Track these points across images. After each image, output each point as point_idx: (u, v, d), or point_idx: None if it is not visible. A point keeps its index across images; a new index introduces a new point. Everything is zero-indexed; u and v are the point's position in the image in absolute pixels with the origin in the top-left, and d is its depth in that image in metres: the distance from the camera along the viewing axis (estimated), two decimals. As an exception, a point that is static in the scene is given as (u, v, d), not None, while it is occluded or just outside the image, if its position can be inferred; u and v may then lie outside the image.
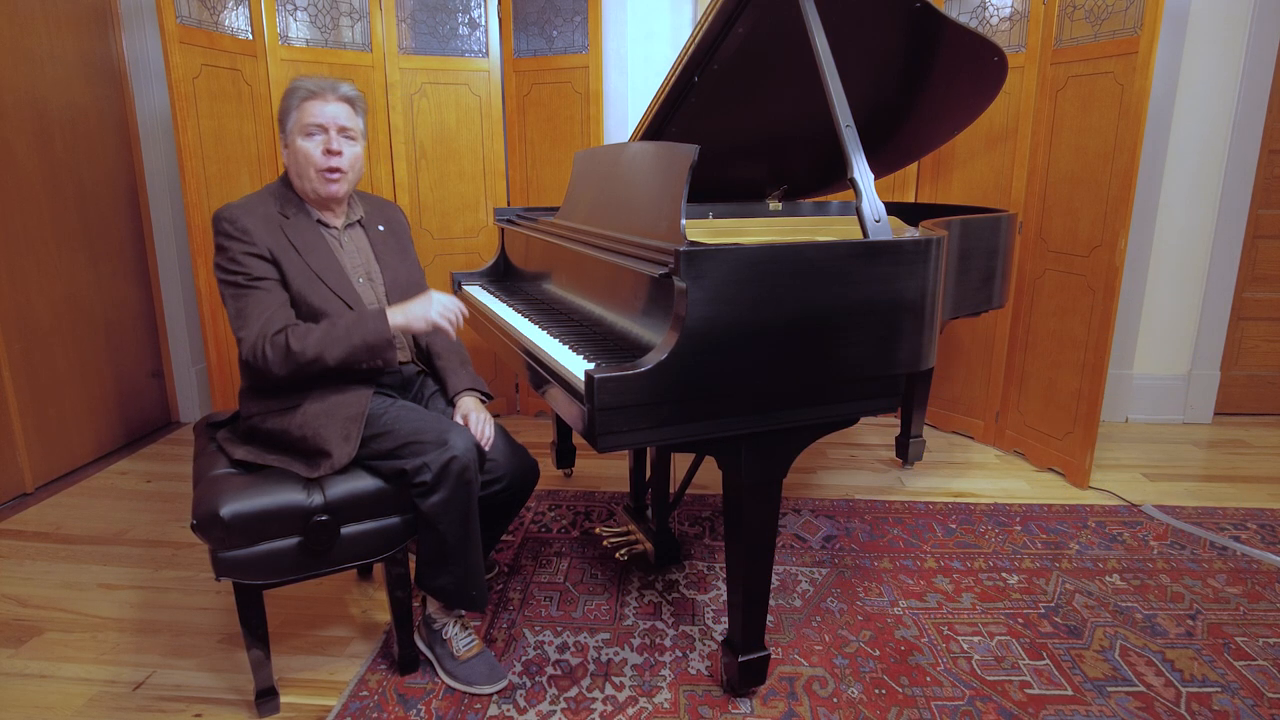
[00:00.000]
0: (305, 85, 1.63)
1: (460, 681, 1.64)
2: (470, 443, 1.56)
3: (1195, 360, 3.28)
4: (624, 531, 2.18)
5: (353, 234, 1.76)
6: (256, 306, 1.55)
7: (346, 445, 1.54)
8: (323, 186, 1.64)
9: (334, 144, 1.62)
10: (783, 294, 1.35)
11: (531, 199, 3.19)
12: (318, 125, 1.62)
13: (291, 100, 1.63)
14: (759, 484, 1.48)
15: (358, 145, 1.69)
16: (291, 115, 1.64)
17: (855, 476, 2.76)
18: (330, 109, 1.62)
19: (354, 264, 1.73)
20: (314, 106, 1.61)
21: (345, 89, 1.66)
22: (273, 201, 1.66)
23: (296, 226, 1.64)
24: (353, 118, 1.67)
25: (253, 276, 1.56)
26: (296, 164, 1.64)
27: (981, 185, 2.92)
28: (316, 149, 1.62)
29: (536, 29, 3.03)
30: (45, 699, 1.64)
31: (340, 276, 1.66)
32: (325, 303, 1.61)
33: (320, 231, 1.69)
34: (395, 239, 1.85)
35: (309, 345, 1.51)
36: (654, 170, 1.65)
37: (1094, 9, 2.47)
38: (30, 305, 2.63)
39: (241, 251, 1.56)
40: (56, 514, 2.49)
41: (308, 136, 1.62)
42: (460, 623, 1.70)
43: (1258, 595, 2.01)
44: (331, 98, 1.63)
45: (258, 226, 1.58)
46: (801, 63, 1.78)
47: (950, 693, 1.64)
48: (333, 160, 1.63)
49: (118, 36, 3.00)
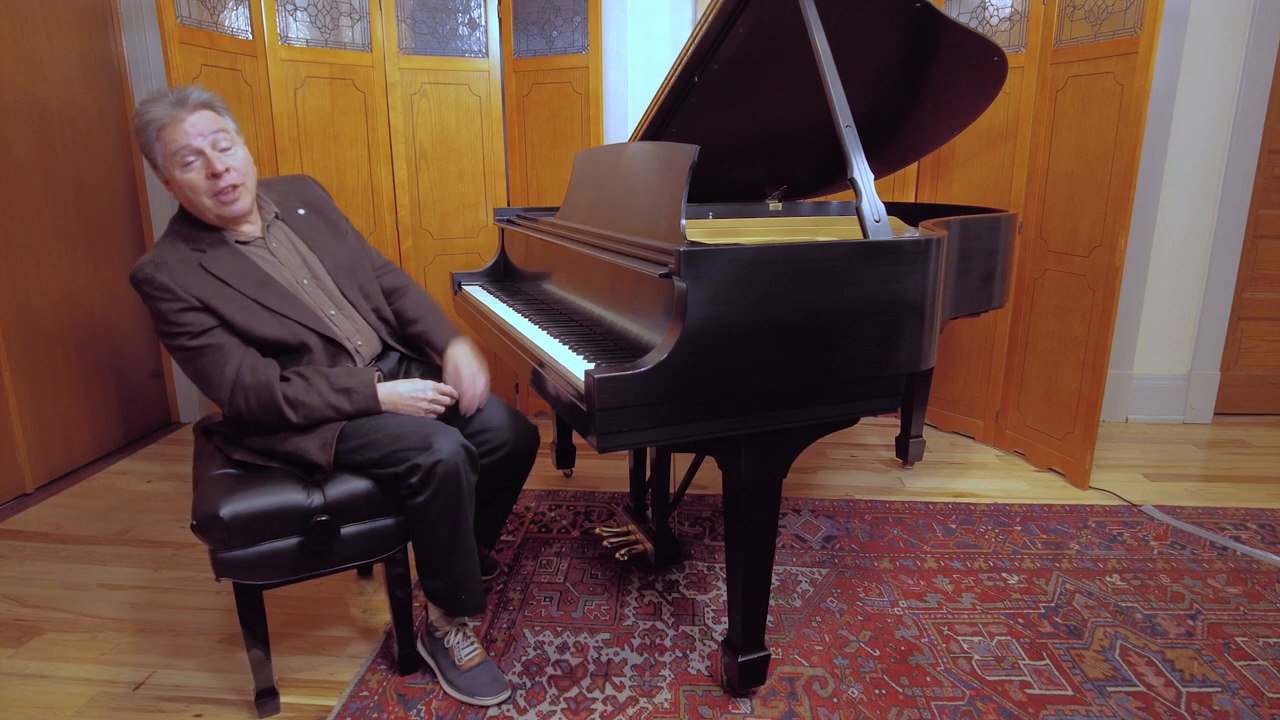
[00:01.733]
0: (152, 116, 1.46)
1: (461, 691, 1.61)
2: (456, 445, 1.51)
3: (1195, 360, 3.28)
4: (624, 531, 2.18)
5: (276, 235, 1.66)
6: (217, 365, 1.49)
7: (324, 454, 1.50)
8: (224, 209, 1.52)
9: (217, 165, 1.48)
10: (783, 294, 1.35)
11: (531, 199, 3.19)
12: (188, 149, 1.47)
13: (147, 136, 1.47)
14: (759, 484, 1.48)
15: (238, 147, 1.54)
16: (155, 151, 1.48)
17: (855, 476, 2.76)
18: (192, 126, 1.46)
19: (292, 269, 1.64)
20: (173, 132, 1.46)
21: (195, 95, 1.49)
22: (181, 243, 1.53)
23: (216, 259, 1.53)
24: (218, 120, 1.51)
25: (194, 333, 1.48)
26: (186, 200, 1.52)
27: (981, 185, 2.92)
28: (200, 176, 1.48)
29: (536, 29, 3.03)
30: (45, 699, 1.64)
31: (281, 295, 1.57)
32: (275, 329, 1.54)
33: (242, 254, 1.57)
34: (320, 218, 1.75)
35: (302, 418, 1.50)
36: (654, 170, 1.65)
37: (1094, 9, 2.47)
38: (30, 305, 2.63)
39: (173, 310, 1.46)
40: (56, 514, 2.49)
41: (184, 166, 1.48)
42: (462, 631, 1.67)
43: (1258, 595, 2.01)
44: (186, 114, 1.47)
45: (177, 276, 1.47)
46: (801, 63, 1.78)
47: (950, 693, 1.64)
48: (222, 181, 1.49)
49: (118, 36, 3.00)
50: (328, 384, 1.53)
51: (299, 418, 1.51)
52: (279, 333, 1.55)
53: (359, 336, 1.70)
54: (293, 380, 1.53)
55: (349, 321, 1.70)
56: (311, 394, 1.51)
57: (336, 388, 1.54)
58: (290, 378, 1.53)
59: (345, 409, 1.54)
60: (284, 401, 1.49)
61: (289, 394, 1.50)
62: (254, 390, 1.48)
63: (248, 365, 1.50)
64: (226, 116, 1.55)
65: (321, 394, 1.52)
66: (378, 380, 1.60)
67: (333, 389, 1.53)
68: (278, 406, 1.49)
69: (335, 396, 1.53)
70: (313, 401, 1.51)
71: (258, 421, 1.52)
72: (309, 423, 1.52)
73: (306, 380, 1.53)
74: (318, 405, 1.52)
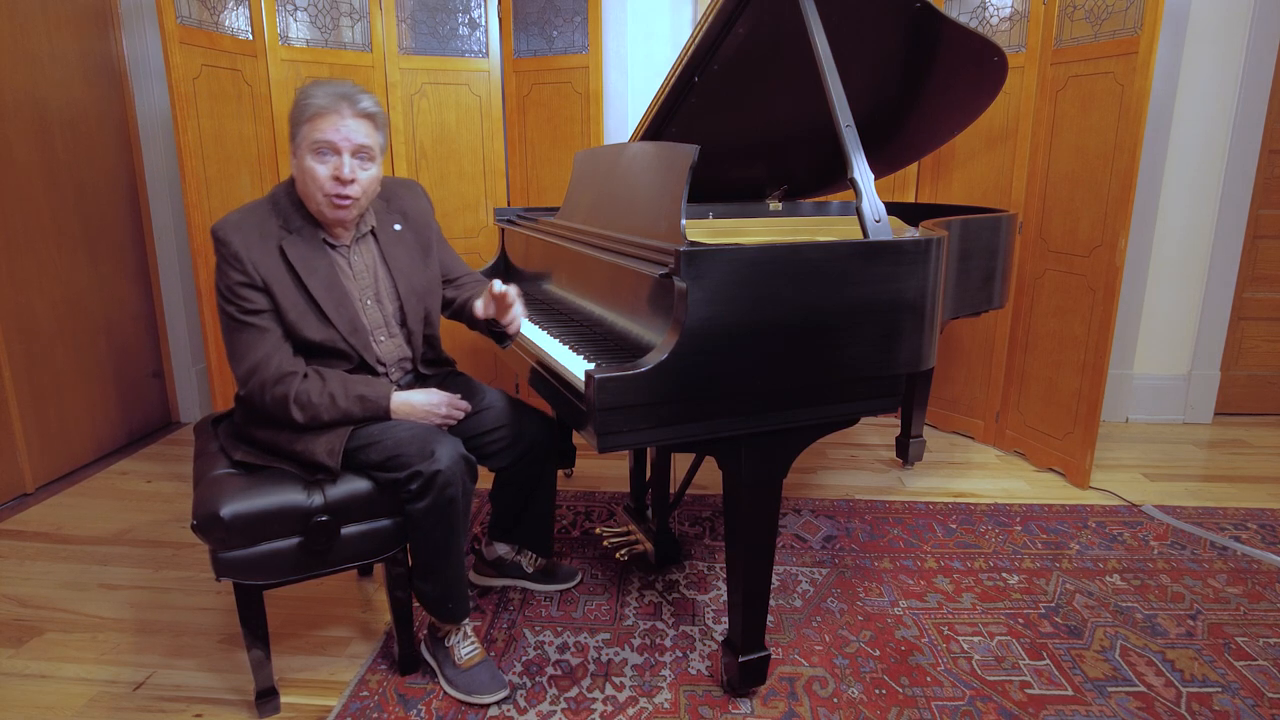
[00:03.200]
0: (317, 99, 1.45)
1: (460, 690, 1.62)
2: (455, 455, 1.51)
3: (1195, 360, 3.28)
4: (624, 531, 2.18)
5: (361, 249, 1.64)
6: (249, 346, 1.50)
7: (331, 459, 1.51)
8: (330, 212, 1.52)
9: (345, 170, 1.47)
10: (783, 294, 1.35)
11: (531, 199, 3.19)
12: (330, 145, 1.46)
13: (302, 113, 1.47)
14: (759, 484, 1.48)
15: (374, 167, 1.53)
16: (301, 129, 1.48)
17: (855, 476, 2.76)
18: (346, 127, 1.46)
19: (361, 286, 1.62)
20: (326, 123, 1.45)
21: (365, 103, 1.48)
22: (273, 214, 1.54)
23: (297, 245, 1.53)
24: (373, 135, 1.50)
25: (246, 310, 1.49)
26: (303, 183, 1.51)
27: (981, 185, 2.92)
28: (326, 172, 1.47)
29: (536, 29, 3.03)
30: (45, 699, 1.64)
31: (340, 305, 1.56)
32: (318, 334, 1.54)
33: (325, 252, 1.57)
34: (414, 235, 1.71)
35: (308, 413, 1.51)
36: (654, 170, 1.65)
37: (1094, 9, 2.47)
38: (30, 305, 2.63)
39: (236, 282, 1.47)
40: (57, 514, 2.49)
41: (317, 155, 1.47)
42: (462, 630, 1.67)
43: (1258, 595, 2.01)
44: (348, 114, 1.46)
45: (251, 249, 1.48)
46: (802, 63, 1.78)
47: (950, 693, 1.64)
48: (343, 189, 1.48)
49: (118, 36, 3.00)
50: (343, 388, 1.54)
51: (304, 418, 1.51)
52: (321, 338, 1.55)
53: (397, 367, 1.70)
54: (310, 378, 1.53)
55: (396, 349, 1.69)
56: (323, 396, 1.51)
57: (351, 394, 1.54)
58: (310, 374, 1.53)
59: (355, 415, 1.55)
60: (294, 403, 1.50)
61: (301, 395, 1.50)
62: (272, 383, 1.50)
63: (277, 359, 1.50)
64: (382, 135, 1.54)
65: (334, 397, 1.52)
66: (393, 390, 1.61)
67: (347, 394, 1.54)
68: (287, 405, 1.50)
69: (347, 402, 1.53)
70: (322, 403, 1.51)
71: (264, 411, 1.53)
72: (312, 425, 1.53)
73: (324, 381, 1.53)
74: (325, 408, 1.52)
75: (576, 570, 2.08)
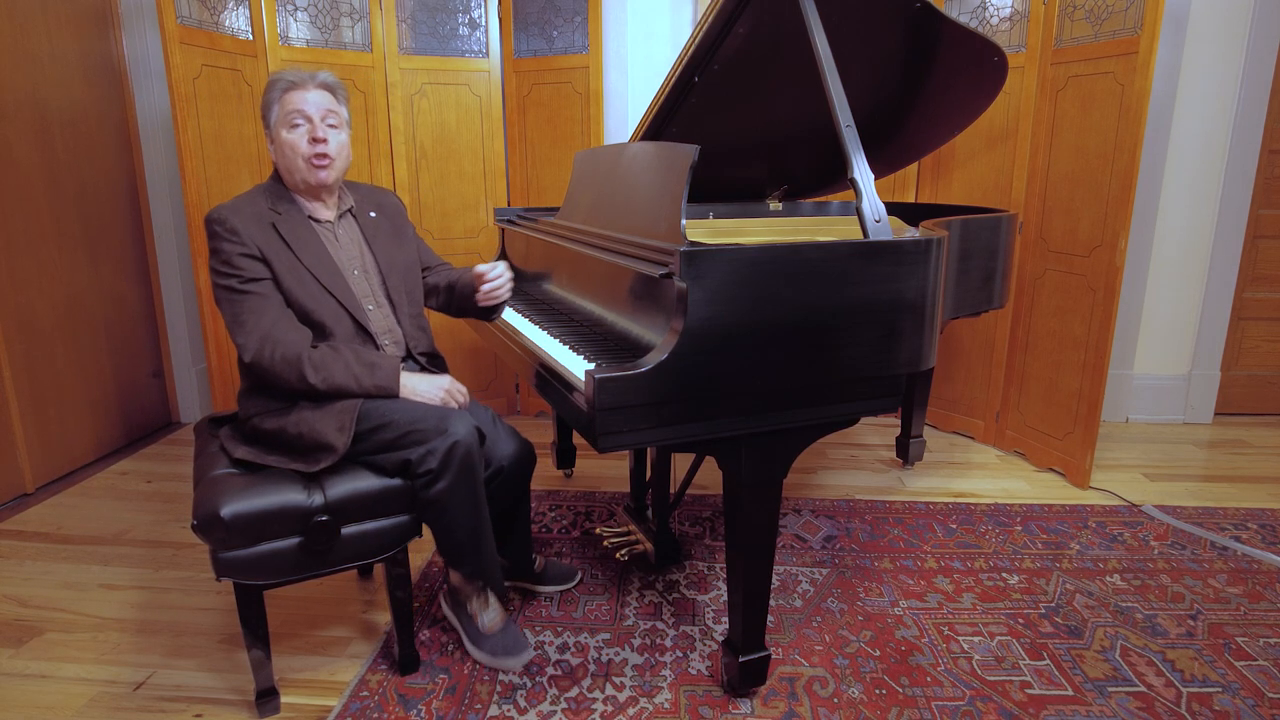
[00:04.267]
0: (285, 77, 1.64)
1: (485, 653, 1.67)
2: (471, 427, 1.56)
3: (1195, 360, 3.28)
4: (624, 532, 2.18)
5: (345, 225, 1.77)
6: (254, 313, 1.55)
7: (342, 435, 1.53)
8: (311, 174, 1.64)
9: (319, 131, 1.63)
10: (783, 294, 1.35)
11: (531, 199, 3.19)
12: (300, 114, 1.62)
13: (272, 94, 1.64)
14: (759, 484, 1.48)
15: (343, 133, 1.69)
16: (273, 109, 1.64)
17: (855, 476, 2.76)
18: (312, 96, 1.63)
19: (348, 257, 1.73)
20: (295, 96, 1.62)
21: (324, 76, 1.67)
22: (263, 199, 1.66)
23: (288, 222, 1.64)
24: (335, 104, 1.67)
25: (246, 279, 1.56)
26: (283, 157, 1.65)
27: (982, 185, 2.92)
28: (302, 139, 1.62)
29: (536, 29, 3.03)
30: (45, 699, 1.64)
31: (333, 273, 1.66)
32: (316, 301, 1.61)
33: (312, 227, 1.69)
34: (388, 221, 1.85)
35: (320, 380, 1.54)
36: (654, 170, 1.65)
37: (1094, 9, 2.47)
38: (30, 305, 2.63)
39: (235, 253, 1.55)
40: (57, 514, 2.49)
41: (291, 128, 1.62)
42: (483, 596, 1.71)
43: (1258, 595, 2.01)
44: (311, 86, 1.64)
45: (248, 225, 1.58)
46: (801, 63, 1.78)
47: (951, 693, 1.64)
48: (318, 147, 1.63)
49: (118, 36, 3.00)
50: (354, 355, 1.59)
51: (318, 380, 1.54)
52: (318, 305, 1.61)
53: (389, 336, 1.75)
54: (320, 348, 1.58)
55: (385, 320, 1.75)
56: (337, 361, 1.56)
57: (362, 361, 1.59)
58: (319, 345, 1.59)
59: (365, 382, 1.58)
60: (308, 362, 1.53)
61: (314, 355, 1.55)
62: (283, 345, 1.53)
63: (284, 323, 1.57)
64: (343, 106, 1.70)
65: (347, 362, 1.57)
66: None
67: (358, 360, 1.58)
68: (300, 365, 1.53)
69: (359, 368, 1.58)
70: (336, 367, 1.55)
71: (277, 379, 1.55)
72: (327, 388, 1.55)
73: (335, 350, 1.59)
74: (339, 371, 1.55)
75: (576, 570, 2.08)
